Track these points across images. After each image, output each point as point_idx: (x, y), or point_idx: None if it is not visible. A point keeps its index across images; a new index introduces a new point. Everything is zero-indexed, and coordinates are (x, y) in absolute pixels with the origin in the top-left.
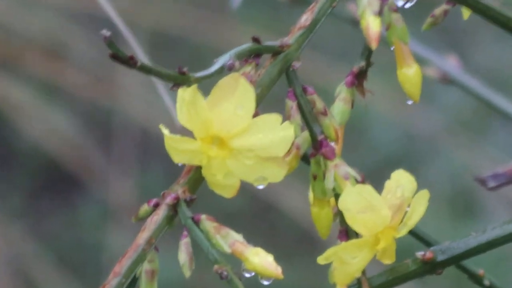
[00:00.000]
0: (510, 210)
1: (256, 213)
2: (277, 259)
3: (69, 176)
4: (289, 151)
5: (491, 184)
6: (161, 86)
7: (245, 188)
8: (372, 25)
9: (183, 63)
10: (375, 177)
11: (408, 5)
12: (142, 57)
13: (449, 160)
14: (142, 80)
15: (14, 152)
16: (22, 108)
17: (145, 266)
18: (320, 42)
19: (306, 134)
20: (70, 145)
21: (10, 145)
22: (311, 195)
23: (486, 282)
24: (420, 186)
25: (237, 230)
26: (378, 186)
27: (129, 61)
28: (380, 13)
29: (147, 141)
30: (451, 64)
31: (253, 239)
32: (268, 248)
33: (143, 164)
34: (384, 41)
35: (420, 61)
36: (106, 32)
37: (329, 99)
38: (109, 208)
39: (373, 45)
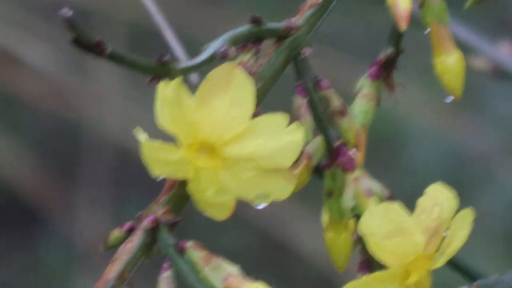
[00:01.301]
0: None
1: (265, 252)
2: None
3: (27, 209)
4: (298, 161)
5: None
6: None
7: (252, 224)
8: (401, 2)
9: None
10: (412, 204)
11: None
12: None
13: (505, 186)
14: (117, 87)
15: None
16: None
17: None
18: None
19: (318, 139)
20: (27, 171)
21: None
22: (325, 217)
23: None
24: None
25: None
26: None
27: (96, 48)
28: None
29: (125, 162)
30: (504, 53)
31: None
32: None
33: (120, 192)
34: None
35: (466, 49)
36: (66, 12)
37: (348, 100)
38: (77, 248)
39: (403, 26)
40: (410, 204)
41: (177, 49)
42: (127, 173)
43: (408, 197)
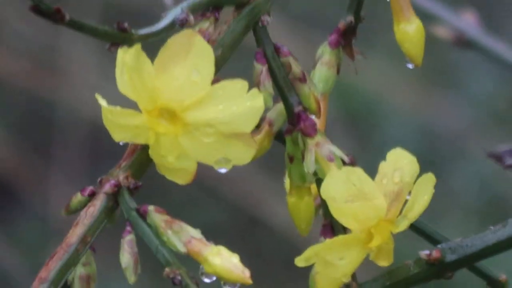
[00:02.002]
0: None
1: (238, 226)
2: (264, 283)
3: (2, 188)
4: (259, 127)
5: (509, 161)
6: None
7: (228, 200)
8: None
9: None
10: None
11: None
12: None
13: (478, 163)
14: (93, 64)
15: None
16: None
17: (79, 270)
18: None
19: (280, 106)
20: (5, 148)
21: None
22: (287, 182)
23: None
24: (444, 194)
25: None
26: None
27: (55, 15)
28: None
29: (100, 140)
30: (468, 22)
31: None
32: (253, 272)
33: (95, 170)
34: (388, 26)
35: (429, 18)
36: None
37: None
38: (51, 224)
39: None
40: None
41: None
42: (101, 150)
43: None
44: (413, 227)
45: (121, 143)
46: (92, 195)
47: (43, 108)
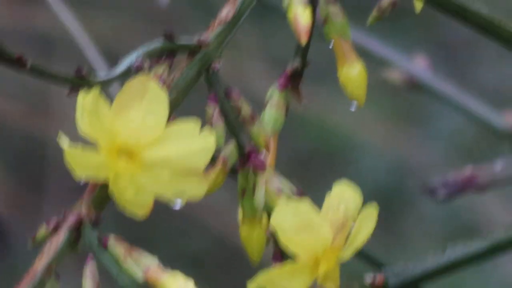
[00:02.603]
0: None
1: (224, 255)
2: None
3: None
4: (214, 165)
5: (441, 193)
6: None
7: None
8: (301, 18)
9: None
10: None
11: None
12: (102, 68)
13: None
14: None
15: None
16: None
17: None
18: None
19: (233, 146)
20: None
21: None
22: (240, 214)
23: None
24: (416, 224)
25: (202, 275)
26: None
27: (18, 62)
28: (314, 4)
29: None
30: (418, 65)
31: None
32: None
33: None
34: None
35: (382, 63)
36: None
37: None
38: None
39: (303, 41)
40: None
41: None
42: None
43: None
44: (360, 253)
45: (81, 183)
46: (56, 228)
47: (36, 146)
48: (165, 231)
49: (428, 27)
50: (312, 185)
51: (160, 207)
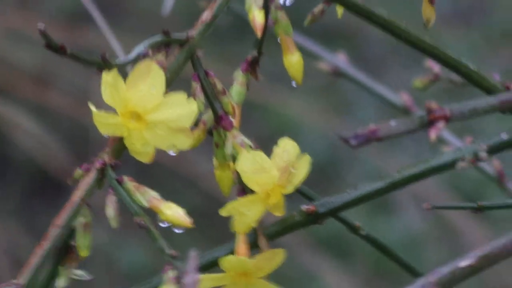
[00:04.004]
0: (415, 205)
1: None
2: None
3: (55, 182)
4: (197, 126)
5: (353, 142)
6: None
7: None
8: (257, 18)
9: None
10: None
11: (288, 3)
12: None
13: (366, 165)
14: None
15: (10, 162)
16: (17, 126)
17: (80, 219)
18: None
19: (210, 112)
20: (56, 156)
21: (7, 156)
22: (215, 161)
23: (363, 232)
24: (341, 188)
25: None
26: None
27: (60, 50)
28: (266, 10)
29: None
30: (341, 59)
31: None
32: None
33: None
34: (306, 73)
35: (315, 57)
36: (41, 25)
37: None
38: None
39: (259, 34)
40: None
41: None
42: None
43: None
44: (298, 191)
45: (106, 136)
46: (87, 170)
47: (82, 130)
48: (165, 188)
49: (352, 46)
50: (269, 155)
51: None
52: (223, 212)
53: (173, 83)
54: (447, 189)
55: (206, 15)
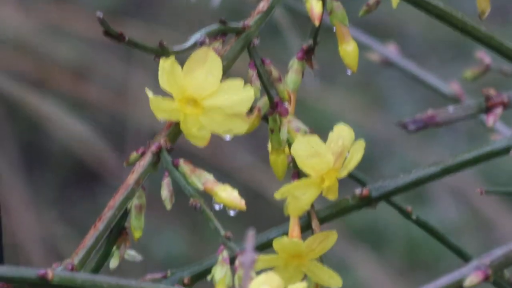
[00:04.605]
0: (451, 197)
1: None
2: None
3: (92, 172)
4: (252, 112)
5: (411, 127)
6: None
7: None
8: (315, 7)
9: None
10: (346, 179)
11: None
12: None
13: (403, 159)
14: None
15: (47, 153)
16: (54, 118)
17: (135, 201)
18: None
19: (265, 99)
20: (92, 147)
21: (44, 147)
22: (269, 145)
23: (414, 217)
24: (378, 180)
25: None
26: (346, 185)
27: (119, 37)
28: (323, 1)
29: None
30: (390, 50)
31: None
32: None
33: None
34: (343, 69)
35: (364, 47)
36: (99, 13)
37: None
38: None
39: (316, 23)
40: None
41: None
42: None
43: None
44: (351, 175)
45: (161, 121)
46: (143, 153)
47: (119, 123)
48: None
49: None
50: None
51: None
52: (278, 195)
53: (230, 70)
54: (483, 181)
55: (262, 5)
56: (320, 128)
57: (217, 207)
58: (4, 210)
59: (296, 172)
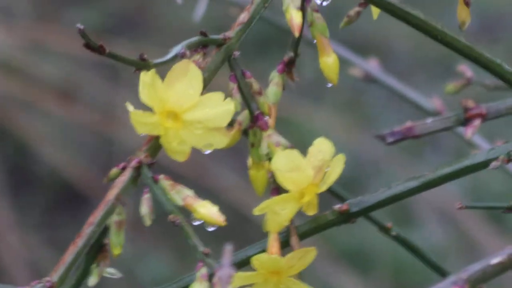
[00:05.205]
0: (437, 218)
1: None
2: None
3: (79, 195)
4: (232, 126)
5: (389, 139)
6: None
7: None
8: (295, 17)
9: None
10: (326, 194)
11: (325, 3)
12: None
13: (389, 177)
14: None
15: (34, 175)
16: (41, 140)
17: (114, 217)
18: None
19: (246, 112)
20: (79, 170)
21: (31, 170)
22: (249, 160)
23: (393, 233)
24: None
25: (214, 238)
26: (326, 202)
27: (99, 49)
28: (303, 11)
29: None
30: (372, 65)
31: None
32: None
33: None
34: (330, 88)
35: (347, 63)
36: (80, 26)
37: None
38: None
39: (296, 34)
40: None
41: None
42: None
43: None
44: (329, 190)
45: (142, 135)
46: (123, 168)
47: (106, 144)
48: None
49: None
50: None
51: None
52: (257, 211)
53: (209, 86)
54: (468, 203)
55: (243, 17)
56: (306, 147)
57: (196, 222)
58: None
59: (275, 188)
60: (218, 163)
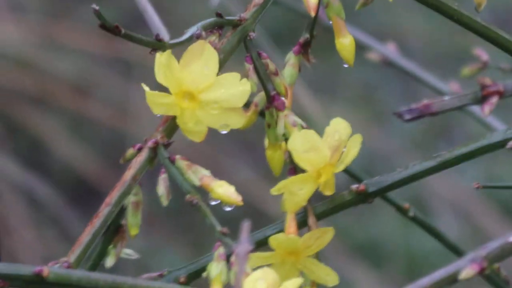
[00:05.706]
0: (451, 213)
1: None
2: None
3: (92, 190)
4: (249, 107)
5: (407, 117)
6: None
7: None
8: None
9: None
10: (343, 186)
11: None
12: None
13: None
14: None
15: (49, 171)
16: (56, 136)
17: (131, 198)
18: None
19: (262, 94)
20: (92, 165)
21: (45, 165)
22: (266, 140)
23: (411, 214)
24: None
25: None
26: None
27: (115, 30)
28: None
29: None
30: (390, 49)
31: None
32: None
33: (152, 179)
34: (344, 83)
35: (365, 47)
36: (95, 6)
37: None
38: None
39: (312, 13)
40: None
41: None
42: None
43: (338, 181)
44: (347, 170)
45: (158, 116)
46: (140, 149)
47: (119, 139)
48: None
49: None
50: None
51: None
52: (274, 190)
53: (226, 66)
54: (484, 198)
55: None
56: None
57: (213, 202)
58: (5, 229)
59: (292, 168)
60: (231, 158)
